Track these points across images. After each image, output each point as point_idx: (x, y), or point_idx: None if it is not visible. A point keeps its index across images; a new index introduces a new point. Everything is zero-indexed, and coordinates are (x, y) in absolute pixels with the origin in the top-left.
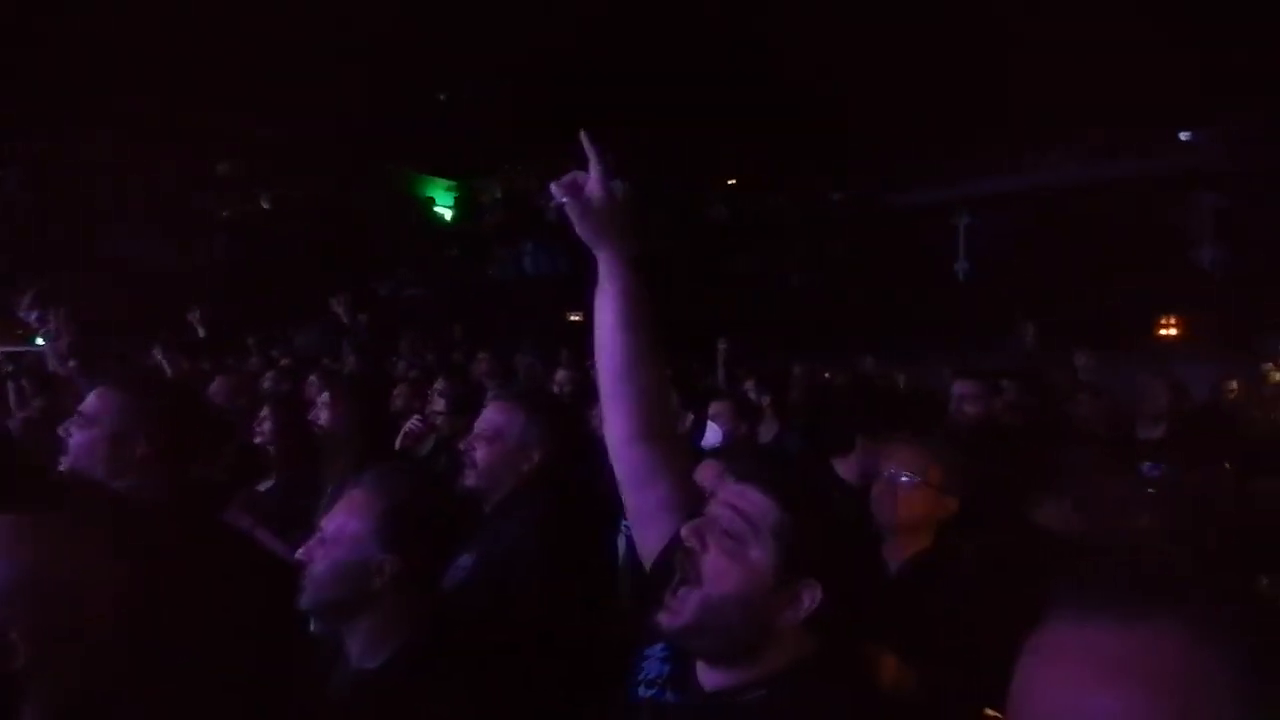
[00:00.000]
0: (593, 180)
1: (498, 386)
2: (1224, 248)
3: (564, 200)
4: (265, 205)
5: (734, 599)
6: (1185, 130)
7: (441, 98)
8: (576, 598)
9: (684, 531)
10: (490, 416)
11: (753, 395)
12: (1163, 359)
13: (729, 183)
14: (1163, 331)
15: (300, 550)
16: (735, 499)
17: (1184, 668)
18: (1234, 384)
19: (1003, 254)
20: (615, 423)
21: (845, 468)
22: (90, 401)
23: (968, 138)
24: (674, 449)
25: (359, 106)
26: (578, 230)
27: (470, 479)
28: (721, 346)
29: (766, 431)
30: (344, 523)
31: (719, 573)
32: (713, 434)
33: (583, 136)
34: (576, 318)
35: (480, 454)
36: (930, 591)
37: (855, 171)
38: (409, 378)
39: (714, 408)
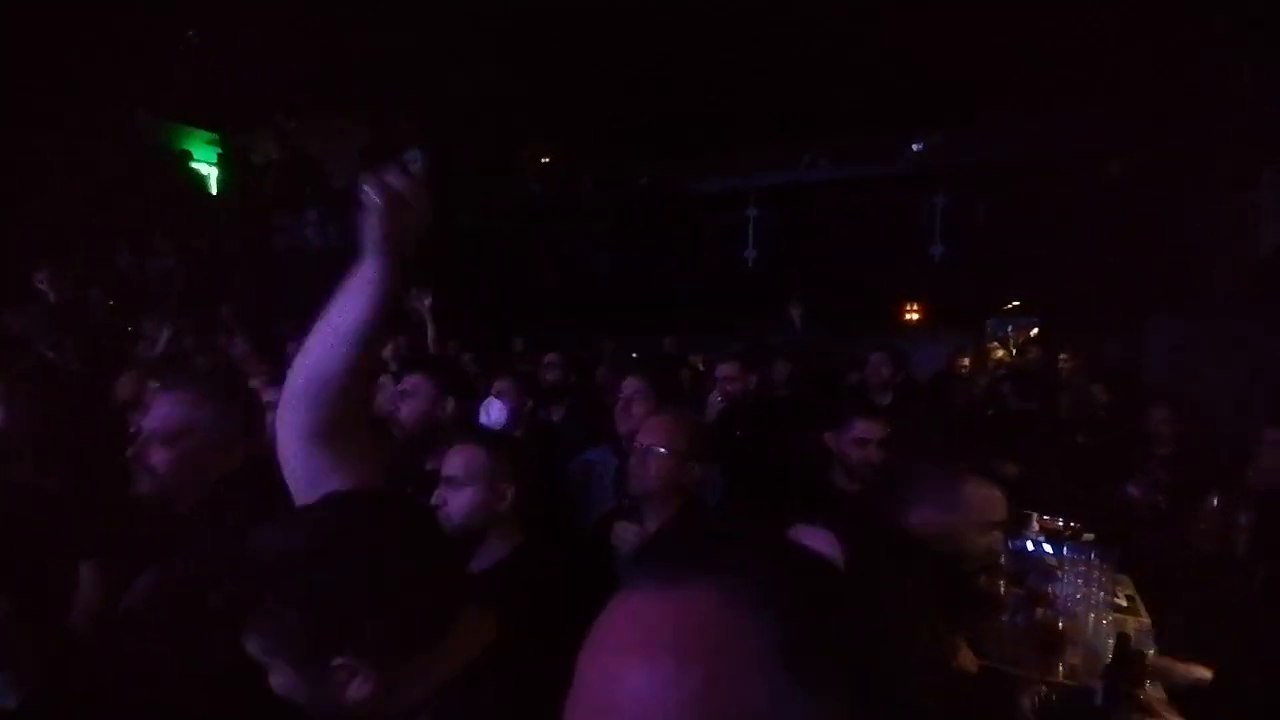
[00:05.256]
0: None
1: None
2: (949, 243)
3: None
4: None
5: None
6: (918, 137)
7: (191, 34)
8: None
9: None
10: (167, 412)
11: (555, 373)
12: (907, 340)
13: (543, 161)
14: (907, 316)
15: None
16: None
17: (712, 635)
18: (965, 360)
19: (781, 244)
20: (299, 419)
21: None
22: None
23: (755, 135)
24: (363, 447)
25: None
26: (378, 235)
27: (145, 484)
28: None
29: (557, 411)
30: None
31: None
32: (496, 411)
33: None
34: None
35: (159, 458)
36: None
37: (659, 158)
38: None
39: (498, 384)
